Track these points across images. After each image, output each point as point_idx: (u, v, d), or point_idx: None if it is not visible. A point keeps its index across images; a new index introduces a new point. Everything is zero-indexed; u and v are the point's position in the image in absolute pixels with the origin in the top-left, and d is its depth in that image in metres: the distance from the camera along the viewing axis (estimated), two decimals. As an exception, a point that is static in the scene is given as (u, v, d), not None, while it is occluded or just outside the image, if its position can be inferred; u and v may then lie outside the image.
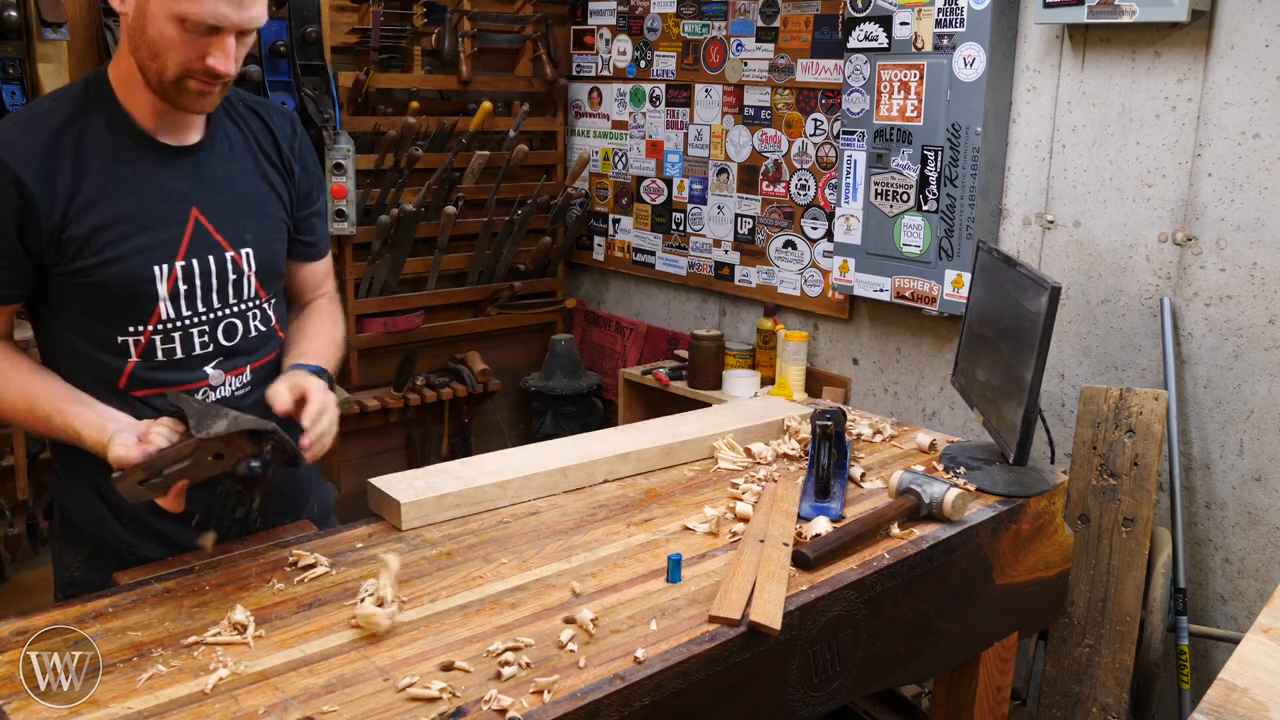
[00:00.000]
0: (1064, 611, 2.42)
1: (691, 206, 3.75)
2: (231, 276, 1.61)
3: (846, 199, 3.12)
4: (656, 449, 2.04)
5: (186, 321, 1.57)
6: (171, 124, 1.55)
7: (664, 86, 3.79)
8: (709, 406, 2.63)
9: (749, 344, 3.56)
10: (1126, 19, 2.43)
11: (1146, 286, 2.62)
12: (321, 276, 1.86)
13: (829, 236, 3.30)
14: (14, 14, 2.71)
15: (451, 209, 3.61)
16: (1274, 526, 2.47)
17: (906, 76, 2.90)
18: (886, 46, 2.94)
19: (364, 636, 1.37)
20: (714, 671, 1.40)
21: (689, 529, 1.75)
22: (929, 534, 1.78)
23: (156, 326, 1.55)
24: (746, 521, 1.77)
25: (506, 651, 1.33)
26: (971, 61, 2.76)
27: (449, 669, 1.30)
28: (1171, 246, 2.57)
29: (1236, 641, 1.61)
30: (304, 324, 1.80)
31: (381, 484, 1.78)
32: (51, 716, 1.19)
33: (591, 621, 1.41)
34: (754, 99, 3.50)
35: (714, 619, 1.44)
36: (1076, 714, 2.50)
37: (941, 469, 2.06)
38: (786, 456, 2.13)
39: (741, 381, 3.38)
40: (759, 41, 3.45)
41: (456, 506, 1.78)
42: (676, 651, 1.36)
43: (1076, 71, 2.69)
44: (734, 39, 3.53)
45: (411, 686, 1.25)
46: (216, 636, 1.35)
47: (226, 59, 1.45)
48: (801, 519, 1.78)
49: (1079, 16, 2.51)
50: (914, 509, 1.81)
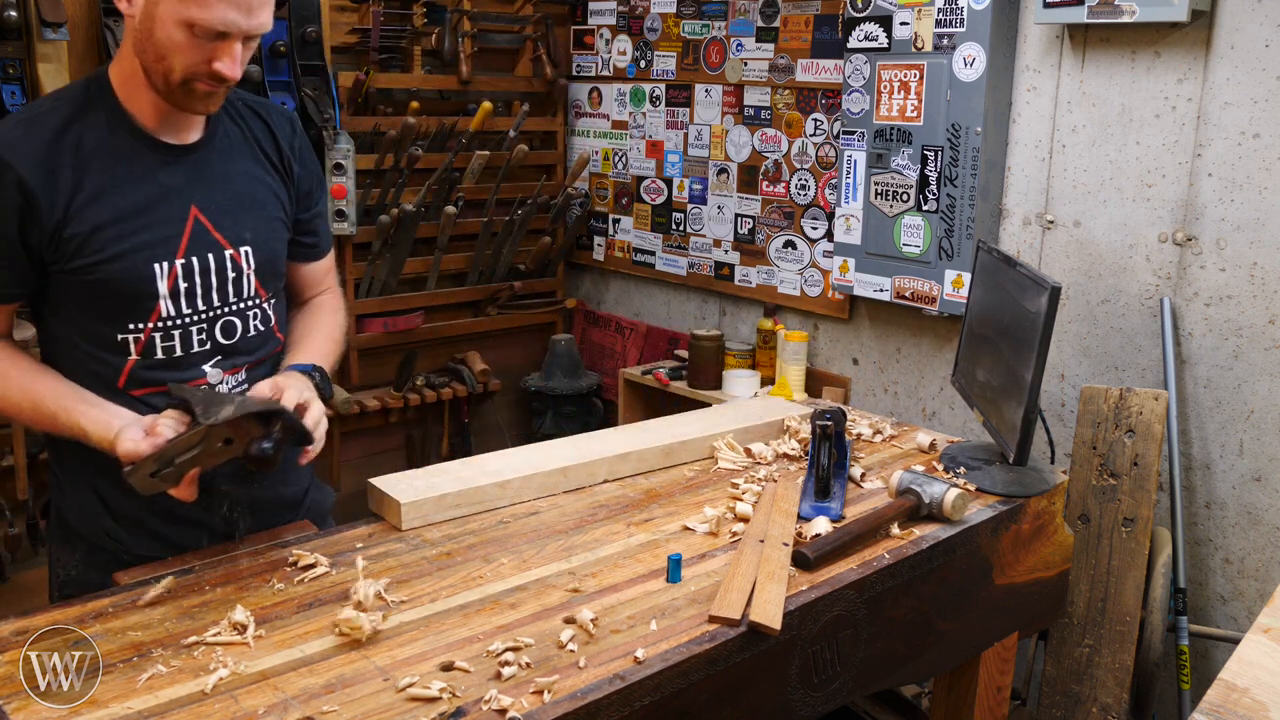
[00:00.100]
0: (1064, 611, 2.42)
1: (691, 206, 3.75)
2: (231, 275, 1.61)
3: (846, 199, 3.12)
4: (656, 449, 2.04)
5: (186, 319, 1.58)
6: (172, 123, 1.56)
7: (664, 86, 3.79)
8: (709, 406, 2.63)
9: (749, 344, 3.56)
10: (1126, 19, 2.43)
11: (1146, 286, 2.62)
12: (323, 274, 1.87)
13: (829, 236, 3.30)
14: (14, 14, 2.71)
15: (451, 209, 3.61)
16: (1274, 526, 2.47)
17: (906, 76, 2.90)
18: (886, 46, 2.94)
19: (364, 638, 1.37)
20: (714, 671, 1.40)
21: (689, 529, 1.75)
22: (929, 534, 1.78)
23: (156, 324, 1.55)
24: (746, 521, 1.77)
25: (506, 651, 1.33)
26: (971, 61, 2.76)
27: (449, 669, 1.30)
28: (1171, 246, 2.57)
29: (1236, 641, 1.61)
30: (303, 322, 1.81)
31: (381, 484, 1.78)
32: (51, 716, 1.19)
33: (591, 621, 1.41)
34: (754, 99, 3.50)
35: (714, 619, 1.44)
36: (1076, 714, 2.50)
37: (941, 469, 2.06)
38: (786, 456, 2.13)
39: (741, 381, 3.38)
40: (759, 41, 3.45)
41: (456, 506, 1.78)
42: (676, 651, 1.36)
43: (1076, 71, 2.69)
44: (734, 39, 3.53)
45: (411, 686, 1.25)
46: (216, 636, 1.35)
47: (234, 64, 1.47)
48: (801, 519, 1.78)
49: (1079, 16, 2.51)
50: (914, 509, 1.81)
